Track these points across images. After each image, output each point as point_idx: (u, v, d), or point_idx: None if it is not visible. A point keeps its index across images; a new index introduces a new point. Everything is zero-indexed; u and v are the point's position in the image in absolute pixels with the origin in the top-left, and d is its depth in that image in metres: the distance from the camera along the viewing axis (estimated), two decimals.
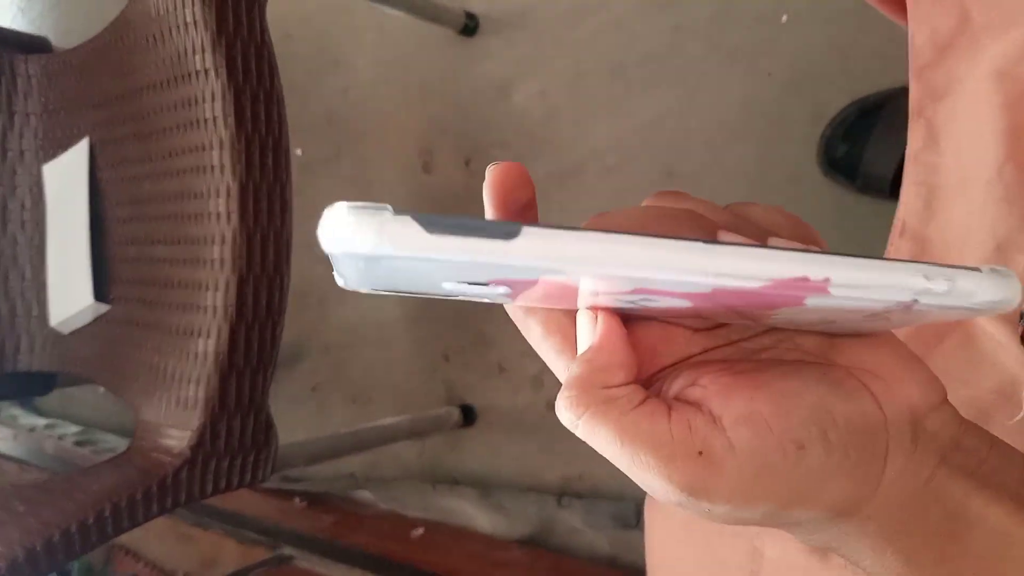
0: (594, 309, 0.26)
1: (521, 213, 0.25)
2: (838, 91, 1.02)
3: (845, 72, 1.03)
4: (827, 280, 0.21)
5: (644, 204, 0.27)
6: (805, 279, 0.21)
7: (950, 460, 0.25)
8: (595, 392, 0.24)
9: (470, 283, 0.23)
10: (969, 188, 0.40)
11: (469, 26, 1.30)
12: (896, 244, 0.43)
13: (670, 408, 0.24)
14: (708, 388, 0.25)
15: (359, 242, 0.20)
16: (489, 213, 0.25)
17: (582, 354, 0.26)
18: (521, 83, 1.28)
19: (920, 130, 0.43)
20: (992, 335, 0.37)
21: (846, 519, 0.25)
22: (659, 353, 0.28)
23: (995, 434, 0.36)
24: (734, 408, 0.24)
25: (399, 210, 0.21)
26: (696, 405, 0.25)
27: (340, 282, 0.24)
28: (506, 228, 0.20)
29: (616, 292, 0.23)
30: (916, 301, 0.21)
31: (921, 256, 0.42)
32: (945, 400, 0.26)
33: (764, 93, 1.09)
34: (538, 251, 0.20)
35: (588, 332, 0.26)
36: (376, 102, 1.46)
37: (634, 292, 0.23)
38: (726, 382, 0.25)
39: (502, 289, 0.24)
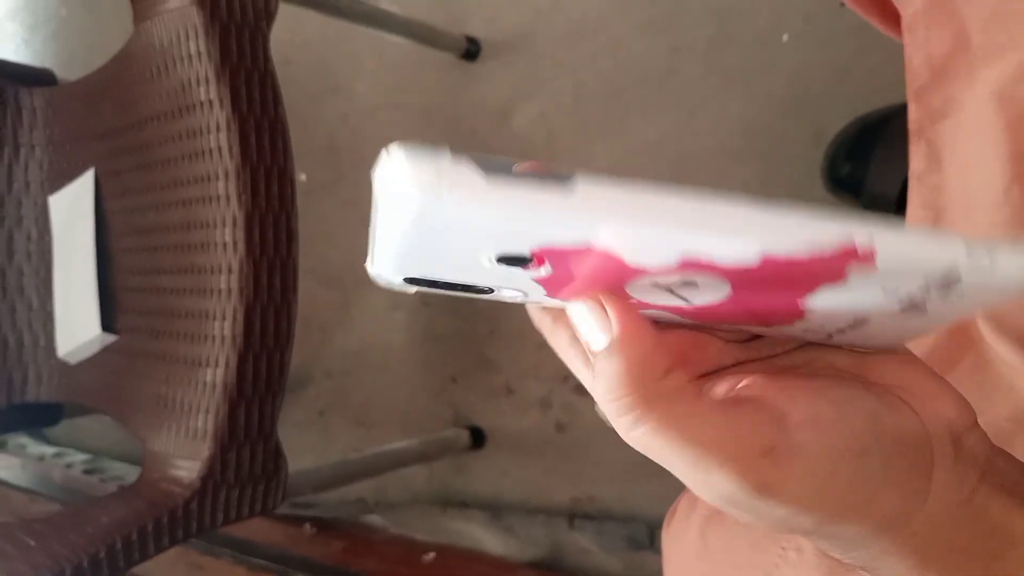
0: (599, 294, 0.24)
1: None
2: (839, 111, 1.02)
3: (845, 91, 1.04)
4: (872, 247, 0.20)
5: None
6: (851, 246, 0.20)
7: (989, 478, 0.25)
8: (650, 387, 0.22)
9: (511, 259, 0.22)
10: (975, 210, 0.40)
11: (471, 51, 1.31)
12: None
13: (724, 404, 0.23)
14: (767, 388, 0.24)
15: (416, 186, 0.20)
16: None
17: (609, 348, 0.23)
18: (521, 106, 1.29)
19: (921, 151, 0.43)
20: (1006, 360, 0.37)
21: (892, 534, 0.24)
22: (691, 361, 0.26)
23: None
24: (800, 410, 0.23)
25: (457, 153, 0.20)
26: (756, 402, 0.24)
27: (372, 271, 0.24)
28: (566, 174, 0.20)
29: (662, 270, 0.22)
30: (957, 281, 0.21)
31: None
32: (976, 421, 0.26)
33: (764, 114, 1.09)
34: (597, 197, 0.20)
35: (597, 323, 0.23)
36: (377, 127, 1.47)
37: (680, 269, 0.22)
38: (784, 384, 0.24)
39: (542, 271, 0.23)
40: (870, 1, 0.52)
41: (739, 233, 0.20)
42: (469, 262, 0.23)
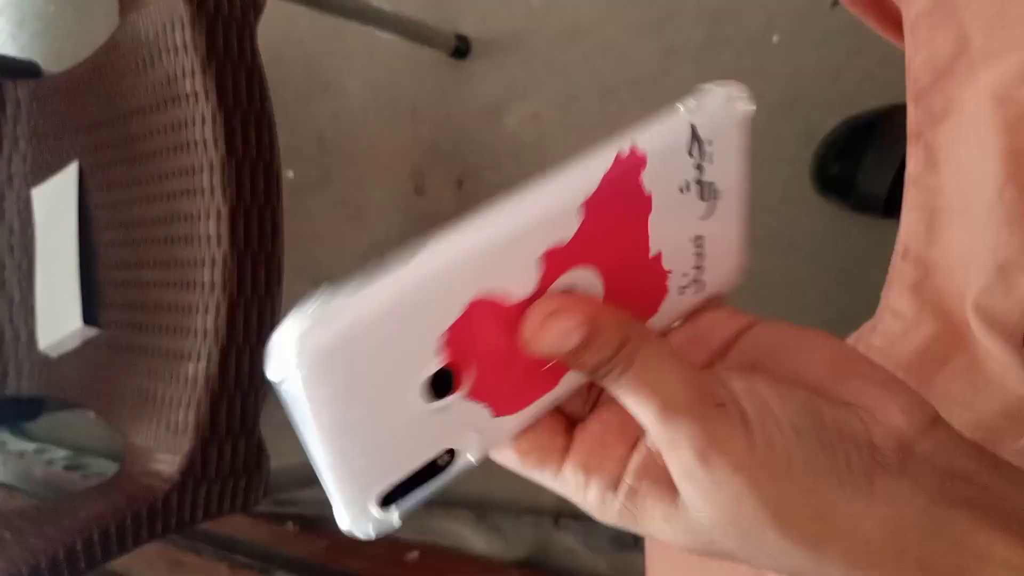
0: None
1: None
2: (830, 112, 1.02)
3: (837, 93, 1.03)
4: (634, 144, 0.25)
5: None
6: (620, 156, 0.24)
7: (949, 490, 0.24)
8: (619, 328, 0.24)
9: (435, 379, 0.24)
10: (971, 211, 0.40)
11: (460, 49, 1.30)
12: (899, 267, 0.43)
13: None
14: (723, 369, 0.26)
15: (292, 360, 0.21)
16: None
17: (566, 321, 0.24)
18: (513, 105, 1.29)
19: (919, 153, 0.43)
20: (997, 357, 0.37)
21: (847, 550, 0.24)
22: None
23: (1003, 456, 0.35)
24: (739, 382, 0.24)
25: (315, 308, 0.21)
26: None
27: (348, 520, 0.26)
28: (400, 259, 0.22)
29: (525, 289, 0.24)
30: (702, 140, 0.26)
31: (925, 280, 0.42)
32: (936, 421, 0.25)
33: (756, 115, 1.08)
34: (431, 257, 0.22)
35: (540, 312, 0.25)
36: (367, 125, 1.46)
37: (539, 281, 0.24)
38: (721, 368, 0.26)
39: (466, 382, 0.25)
40: (868, 1, 0.52)
41: (549, 205, 0.24)
42: (405, 421, 0.24)
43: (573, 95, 1.23)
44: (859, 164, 0.97)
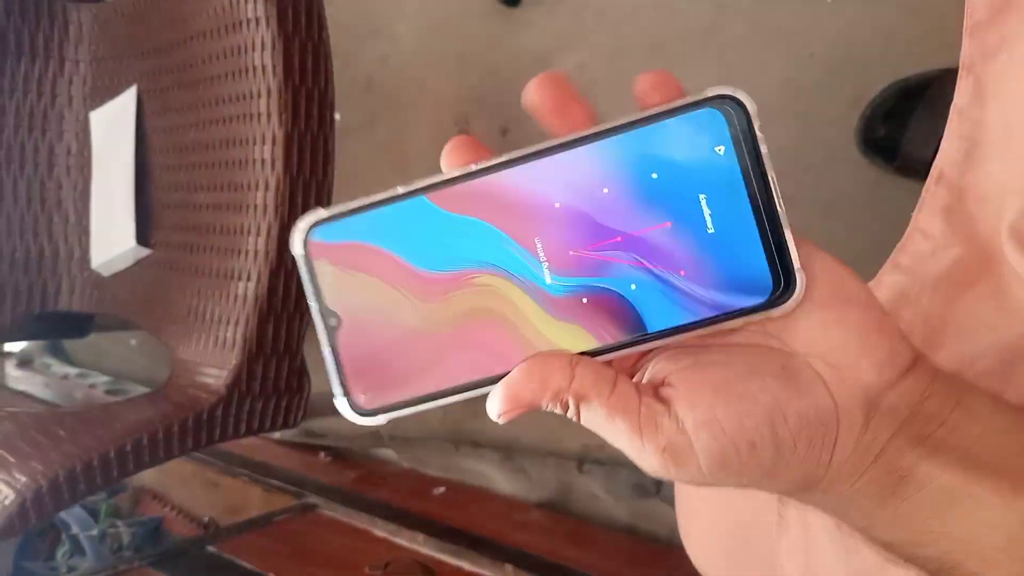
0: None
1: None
2: (879, 74, 1.02)
3: (888, 55, 1.03)
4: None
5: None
6: None
7: (904, 431, 0.28)
8: (564, 399, 0.28)
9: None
10: (1012, 144, 0.41)
11: None
12: (932, 190, 0.44)
13: (640, 401, 0.28)
14: (678, 389, 0.28)
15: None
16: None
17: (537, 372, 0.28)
18: (561, 56, 1.29)
19: (968, 86, 0.43)
20: None
21: (803, 492, 0.29)
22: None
23: (1021, 377, 0.37)
24: (696, 414, 0.27)
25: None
26: (667, 404, 0.28)
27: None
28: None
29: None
30: None
31: (957, 205, 0.43)
32: (910, 368, 0.28)
33: (805, 74, 1.09)
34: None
35: (497, 401, 0.28)
36: (415, 70, 1.48)
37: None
38: (693, 386, 0.28)
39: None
40: None
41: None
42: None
43: (621, 47, 1.23)
44: (906, 127, 0.97)
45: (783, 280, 0.28)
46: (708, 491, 0.51)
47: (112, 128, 1.10)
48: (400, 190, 0.28)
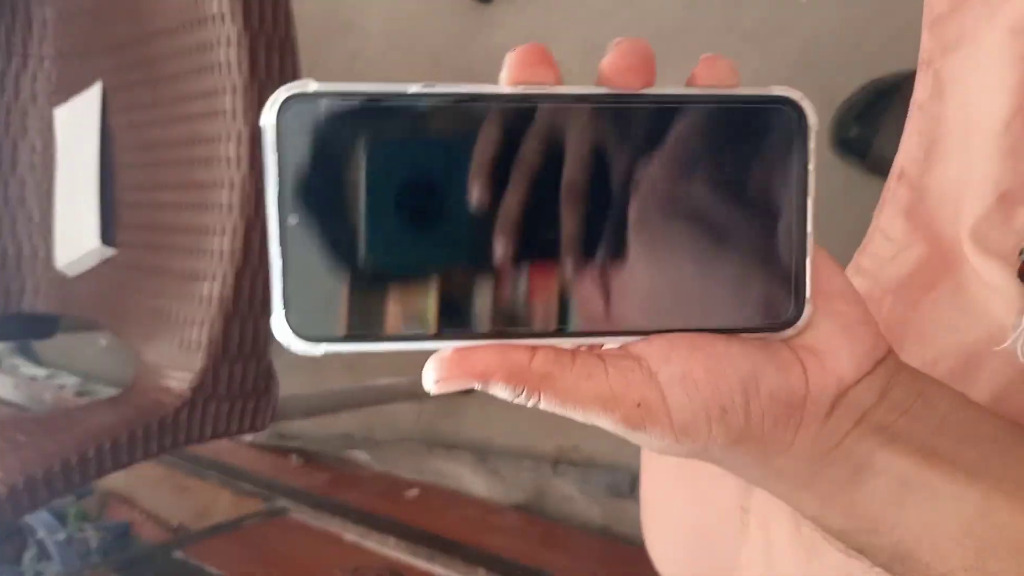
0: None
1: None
2: (853, 73, 1.02)
3: (861, 55, 1.03)
4: None
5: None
6: None
7: (867, 420, 0.28)
8: (524, 375, 0.26)
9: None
10: (972, 140, 0.40)
11: None
12: (893, 189, 0.44)
13: (605, 362, 0.27)
14: (651, 344, 0.27)
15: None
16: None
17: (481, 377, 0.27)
18: None
19: (927, 81, 0.43)
20: (986, 282, 0.37)
21: (762, 466, 0.28)
22: None
23: (984, 382, 0.36)
24: (671, 368, 0.26)
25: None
26: (637, 359, 0.27)
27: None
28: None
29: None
30: None
31: (918, 204, 0.42)
32: (881, 362, 0.28)
33: (778, 73, 1.09)
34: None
35: (440, 361, 0.27)
36: (386, 67, 1.46)
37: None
38: (669, 340, 0.27)
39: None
40: None
41: None
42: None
43: (594, 45, 1.22)
44: (878, 127, 0.97)
45: (793, 304, 0.27)
46: (672, 493, 0.51)
47: (77, 125, 1.08)
48: (420, 89, 0.25)
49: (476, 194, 0.25)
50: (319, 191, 0.24)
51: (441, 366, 0.26)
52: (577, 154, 0.26)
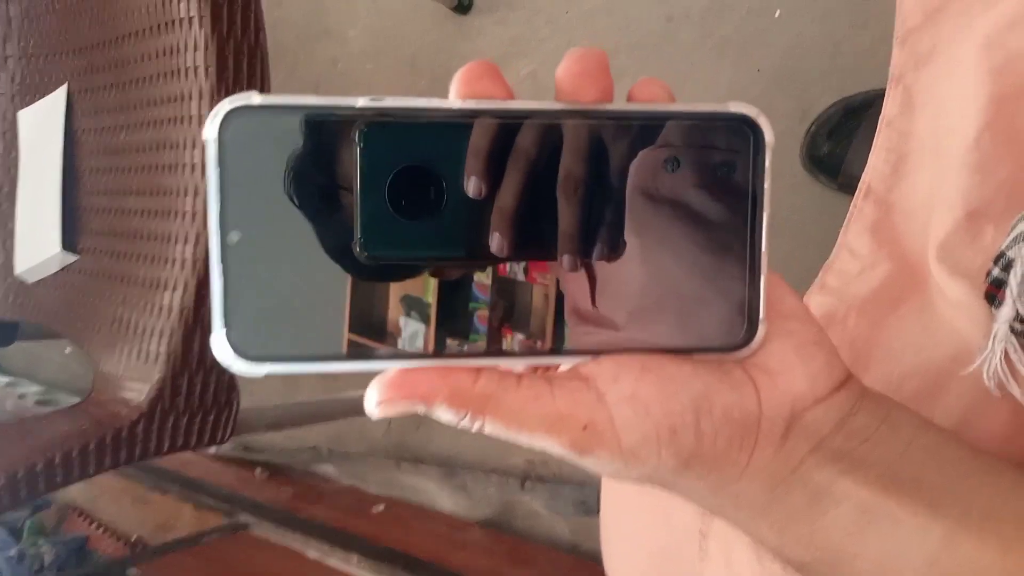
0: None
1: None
2: (826, 89, 1.02)
3: (834, 70, 1.03)
4: None
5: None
6: None
7: (825, 445, 0.27)
8: (467, 398, 0.25)
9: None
10: (941, 156, 0.40)
11: (463, 3, 1.29)
12: (860, 206, 0.43)
13: (552, 384, 0.26)
14: (600, 364, 0.26)
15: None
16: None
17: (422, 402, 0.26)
18: (513, 62, 1.28)
19: (897, 97, 0.43)
20: (952, 300, 0.37)
21: (715, 494, 0.27)
22: None
23: (950, 403, 0.35)
24: (620, 388, 0.26)
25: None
26: (585, 380, 0.26)
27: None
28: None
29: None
30: None
31: (884, 220, 0.42)
32: (840, 386, 0.27)
33: (752, 87, 1.08)
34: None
35: (382, 384, 0.26)
36: (365, 74, 1.45)
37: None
38: (618, 361, 0.26)
39: None
40: None
41: None
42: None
43: None
44: (849, 145, 0.97)
45: (746, 324, 0.26)
46: (631, 515, 0.50)
47: (41, 128, 1.05)
48: (367, 103, 0.24)
49: (426, 210, 0.25)
50: (262, 207, 0.23)
51: (383, 389, 0.25)
52: (521, 171, 0.25)
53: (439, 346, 0.26)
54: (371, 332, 0.25)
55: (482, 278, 0.26)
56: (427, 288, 0.25)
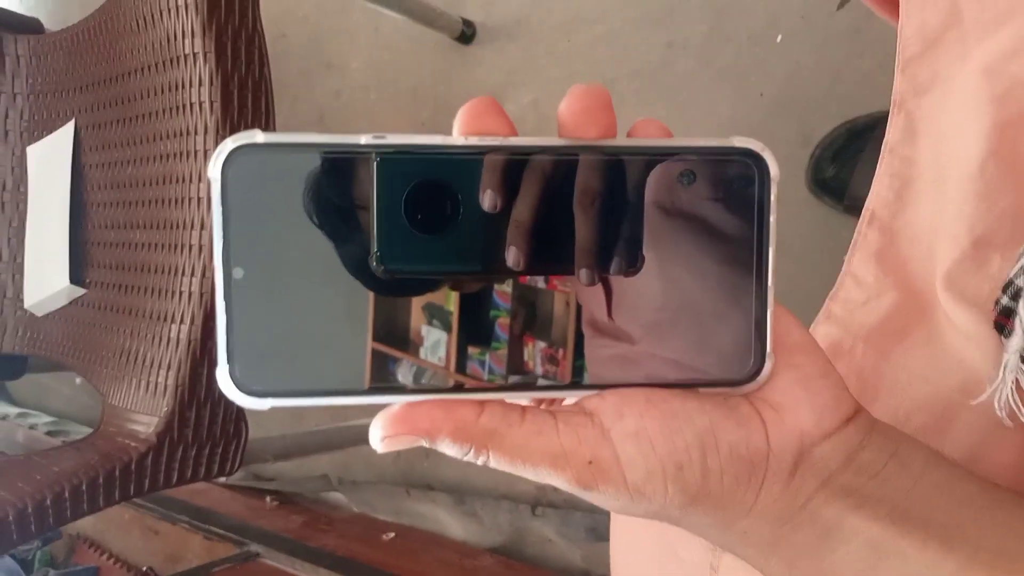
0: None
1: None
2: (827, 113, 1.02)
3: (835, 95, 1.03)
4: None
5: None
6: None
7: (834, 481, 0.26)
8: (471, 433, 0.25)
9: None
10: (945, 183, 0.40)
11: (466, 34, 1.30)
12: (864, 232, 0.43)
13: (556, 419, 0.26)
14: (605, 400, 0.26)
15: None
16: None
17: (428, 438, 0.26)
18: (514, 92, 1.28)
19: (900, 123, 0.43)
20: (961, 330, 0.36)
21: (722, 531, 0.27)
22: None
23: (959, 435, 0.35)
24: (625, 425, 0.25)
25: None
26: (589, 415, 0.26)
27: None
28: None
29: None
30: None
31: (889, 247, 0.42)
32: (848, 420, 0.27)
33: (753, 112, 1.09)
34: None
35: (386, 419, 0.26)
36: (368, 104, 1.46)
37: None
38: (623, 396, 0.26)
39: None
40: None
41: None
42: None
43: (574, 83, 1.23)
44: (854, 168, 0.97)
45: (754, 357, 0.26)
46: (641, 549, 0.50)
47: (49, 163, 1.06)
48: (370, 140, 0.24)
49: (442, 225, 0.25)
50: (266, 244, 0.24)
51: (387, 424, 0.25)
52: (537, 185, 0.25)
53: (460, 354, 0.26)
54: (394, 342, 0.26)
55: (502, 286, 0.26)
56: (448, 297, 0.26)
